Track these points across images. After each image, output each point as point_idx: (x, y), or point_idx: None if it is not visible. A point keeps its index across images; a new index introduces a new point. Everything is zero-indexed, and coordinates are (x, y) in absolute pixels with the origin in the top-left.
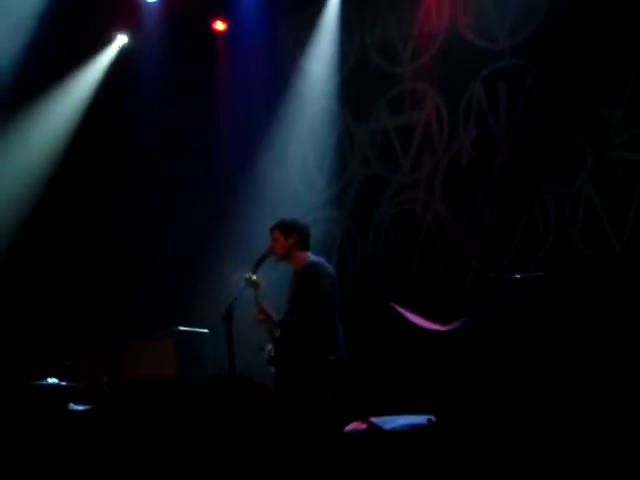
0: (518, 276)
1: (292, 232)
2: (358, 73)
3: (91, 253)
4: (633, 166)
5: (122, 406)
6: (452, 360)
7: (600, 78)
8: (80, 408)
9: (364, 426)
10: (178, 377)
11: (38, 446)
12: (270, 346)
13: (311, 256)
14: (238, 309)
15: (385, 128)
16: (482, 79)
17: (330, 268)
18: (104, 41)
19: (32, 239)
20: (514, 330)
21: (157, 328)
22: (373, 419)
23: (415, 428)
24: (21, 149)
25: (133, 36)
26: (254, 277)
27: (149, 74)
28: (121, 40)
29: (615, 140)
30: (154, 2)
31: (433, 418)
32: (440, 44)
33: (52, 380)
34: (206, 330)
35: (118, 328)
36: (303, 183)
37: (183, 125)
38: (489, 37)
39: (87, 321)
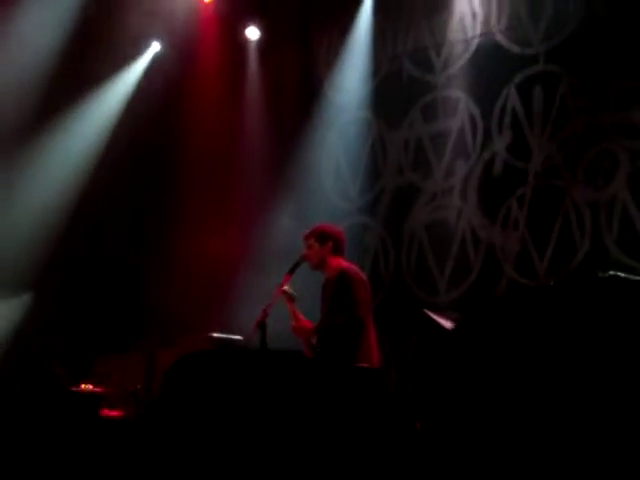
0: (552, 284)
1: (327, 240)
2: (391, 81)
3: (127, 258)
4: None
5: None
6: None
7: (635, 83)
8: (113, 414)
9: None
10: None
11: (70, 452)
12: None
13: (343, 262)
14: (272, 316)
15: (418, 136)
16: (516, 85)
17: (363, 274)
18: (138, 48)
19: (67, 245)
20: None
21: (192, 334)
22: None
23: None
24: (53, 158)
25: (166, 43)
26: (291, 290)
27: (181, 80)
28: (155, 47)
29: None
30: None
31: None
32: (473, 50)
33: (86, 386)
34: (240, 337)
35: (153, 334)
36: (336, 191)
37: (215, 132)
38: (523, 42)
39: (122, 327)
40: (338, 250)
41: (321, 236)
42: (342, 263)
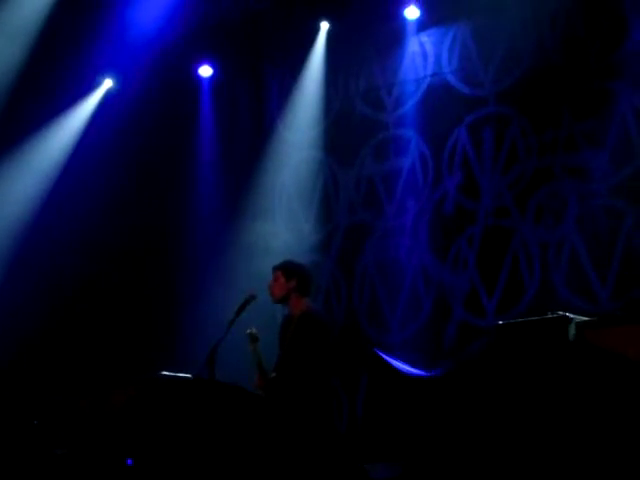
0: (501, 322)
1: (292, 276)
2: (343, 120)
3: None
4: (617, 212)
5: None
6: (433, 407)
7: (584, 124)
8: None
9: None
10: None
11: None
12: None
13: (309, 304)
14: (222, 352)
15: (370, 174)
16: (467, 125)
17: (327, 318)
18: (90, 85)
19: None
20: (493, 378)
21: (140, 374)
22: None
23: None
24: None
25: (119, 80)
26: (254, 331)
27: (133, 119)
28: (107, 84)
29: (599, 187)
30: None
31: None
32: (425, 90)
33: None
34: (189, 375)
35: (100, 375)
36: (289, 229)
37: (166, 173)
38: (474, 83)
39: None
40: (302, 290)
41: (288, 271)
42: (307, 305)
